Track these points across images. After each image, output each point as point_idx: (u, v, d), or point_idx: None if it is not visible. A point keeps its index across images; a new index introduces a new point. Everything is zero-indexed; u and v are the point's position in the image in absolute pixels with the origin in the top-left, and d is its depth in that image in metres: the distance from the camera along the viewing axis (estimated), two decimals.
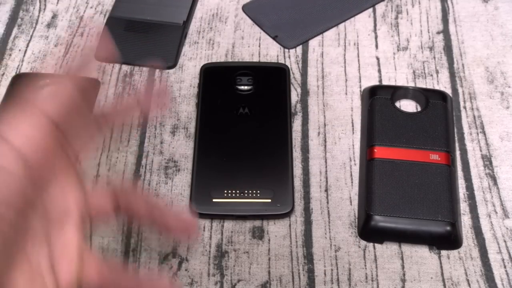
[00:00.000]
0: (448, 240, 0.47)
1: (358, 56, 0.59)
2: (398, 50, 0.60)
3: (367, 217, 0.47)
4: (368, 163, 0.50)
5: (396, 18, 0.62)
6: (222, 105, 0.54)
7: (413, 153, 0.50)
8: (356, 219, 0.49)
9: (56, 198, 0.30)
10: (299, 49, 0.60)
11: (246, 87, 0.55)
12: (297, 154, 0.52)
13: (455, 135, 0.53)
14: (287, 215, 0.49)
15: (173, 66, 0.59)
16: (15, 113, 0.29)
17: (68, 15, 0.63)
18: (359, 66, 0.58)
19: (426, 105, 0.53)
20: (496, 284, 0.45)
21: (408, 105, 0.55)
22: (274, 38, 0.61)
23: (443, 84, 0.57)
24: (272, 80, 0.56)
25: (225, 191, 0.49)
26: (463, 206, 0.49)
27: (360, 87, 0.57)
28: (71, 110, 0.31)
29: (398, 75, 0.58)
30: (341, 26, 0.62)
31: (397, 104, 0.54)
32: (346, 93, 0.57)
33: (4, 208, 0.26)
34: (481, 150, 0.52)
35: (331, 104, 0.56)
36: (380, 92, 0.54)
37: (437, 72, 0.58)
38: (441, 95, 0.54)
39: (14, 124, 0.28)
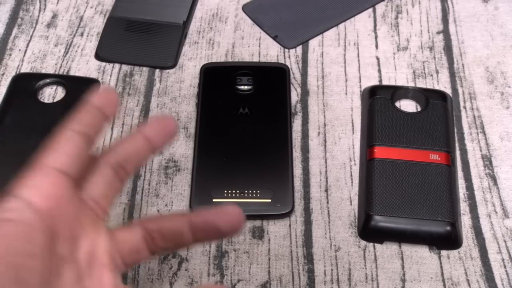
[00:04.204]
0: (448, 240, 0.47)
1: (358, 56, 0.59)
2: (398, 50, 0.60)
3: (367, 217, 0.47)
4: (368, 163, 0.50)
5: (396, 18, 0.62)
6: (222, 105, 0.54)
7: (413, 153, 0.50)
8: (356, 219, 0.49)
9: (83, 245, 0.31)
10: (299, 49, 0.60)
11: (246, 87, 0.55)
12: (297, 154, 0.52)
13: (455, 135, 0.53)
14: (287, 215, 0.49)
15: (173, 66, 0.59)
16: (28, 173, 0.30)
17: (68, 15, 0.63)
18: (359, 66, 0.58)
19: (426, 105, 0.53)
20: (496, 284, 0.45)
21: (408, 105, 0.55)
22: (274, 38, 0.61)
23: (443, 84, 0.57)
24: (272, 80, 0.56)
25: (225, 191, 0.49)
26: (463, 206, 0.49)
27: (360, 87, 0.57)
28: (84, 161, 0.32)
29: (398, 75, 0.58)
30: (341, 26, 0.62)
31: (397, 104, 0.54)
32: (346, 93, 0.57)
33: (30, 259, 0.27)
34: (481, 150, 0.53)
35: (331, 104, 0.56)
36: (380, 92, 0.54)
37: (437, 72, 0.58)
38: (441, 95, 0.54)
39: (28, 182, 0.29)
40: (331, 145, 0.53)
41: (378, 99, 0.54)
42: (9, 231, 0.27)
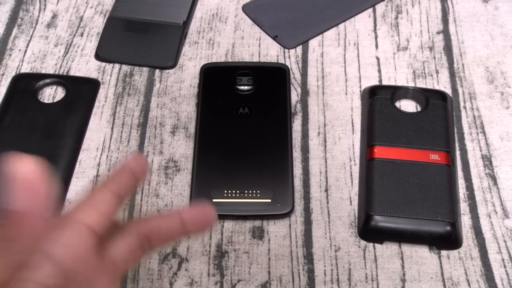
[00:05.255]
0: (448, 240, 0.47)
1: (358, 56, 0.59)
2: (398, 50, 0.60)
3: (367, 217, 0.47)
4: (368, 163, 0.50)
5: (396, 18, 0.62)
6: (222, 105, 0.54)
7: (413, 153, 0.50)
8: (356, 219, 0.49)
9: None
10: (299, 49, 0.60)
11: (246, 87, 0.55)
12: (297, 154, 0.52)
13: (455, 135, 0.53)
14: (287, 215, 0.49)
15: (173, 66, 0.59)
16: (56, 226, 0.31)
17: (68, 15, 0.63)
18: (359, 66, 0.58)
19: (426, 105, 0.53)
20: (496, 284, 0.45)
21: (408, 105, 0.55)
22: (274, 38, 0.61)
23: (443, 84, 0.57)
24: (272, 80, 0.56)
25: (225, 191, 0.49)
26: (463, 206, 0.49)
27: (360, 87, 0.57)
28: (109, 220, 0.33)
29: (398, 75, 0.58)
30: (341, 26, 0.62)
31: (397, 104, 0.54)
32: (346, 93, 0.57)
33: None
34: (481, 150, 0.53)
35: (331, 104, 0.56)
36: (380, 92, 0.54)
37: (437, 72, 0.58)
38: (441, 95, 0.54)
39: (61, 239, 0.30)
40: (331, 145, 0.53)
41: (378, 99, 0.54)
42: None
